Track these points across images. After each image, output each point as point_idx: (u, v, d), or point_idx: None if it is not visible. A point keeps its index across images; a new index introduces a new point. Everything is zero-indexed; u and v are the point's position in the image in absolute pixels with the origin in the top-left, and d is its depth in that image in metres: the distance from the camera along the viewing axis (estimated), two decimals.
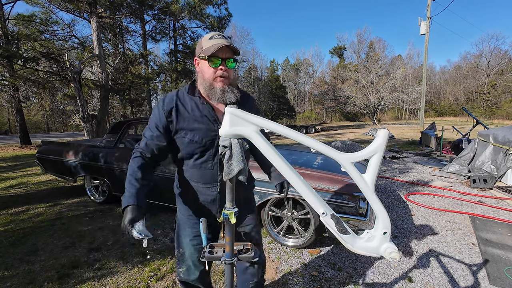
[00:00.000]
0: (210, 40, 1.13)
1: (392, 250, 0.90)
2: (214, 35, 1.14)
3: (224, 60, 1.13)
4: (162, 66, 16.28)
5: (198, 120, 1.19)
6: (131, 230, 0.99)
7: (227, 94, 1.15)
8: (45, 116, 30.64)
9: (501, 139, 4.97)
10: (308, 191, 0.95)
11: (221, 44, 1.09)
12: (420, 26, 17.35)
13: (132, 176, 1.14)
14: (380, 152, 0.89)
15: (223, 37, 1.14)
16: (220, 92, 1.15)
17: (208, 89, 1.16)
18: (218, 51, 1.09)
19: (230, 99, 1.16)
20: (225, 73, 1.14)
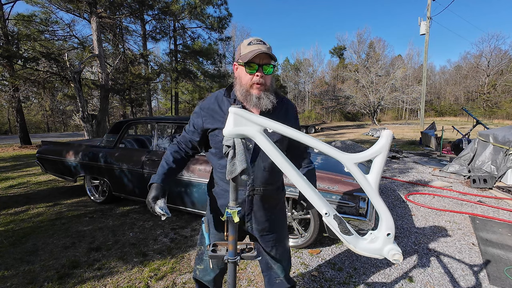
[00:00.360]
0: (248, 46, 1.13)
1: (395, 252, 0.90)
2: (253, 40, 1.14)
3: (261, 66, 1.12)
4: (162, 66, 16.26)
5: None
6: (154, 205, 1.15)
7: (262, 100, 1.15)
8: (45, 116, 30.61)
9: (501, 139, 4.97)
10: (311, 191, 0.95)
11: (259, 50, 1.09)
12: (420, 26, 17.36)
13: (164, 160, 1.31)
14: (384, 153, 0.89)
15: (261, 43, 1.13)
16: (255, 99, 1.15)
17: (245, 95, 1.17)
18: (255, 57, 1.10)
19: (266, 106, 1.16)
20: (262, 79, 1.14)
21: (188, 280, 2.22)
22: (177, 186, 3.15)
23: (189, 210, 3.19)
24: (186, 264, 2.44)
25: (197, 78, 16.99)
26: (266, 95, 1.16)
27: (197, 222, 3.33)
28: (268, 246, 1.36)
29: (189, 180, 3.06)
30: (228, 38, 18.51)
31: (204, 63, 17.69)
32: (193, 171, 3.04)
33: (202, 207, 3.10)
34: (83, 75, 11.85)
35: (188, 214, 3.56)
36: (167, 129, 5.21)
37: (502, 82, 38.60)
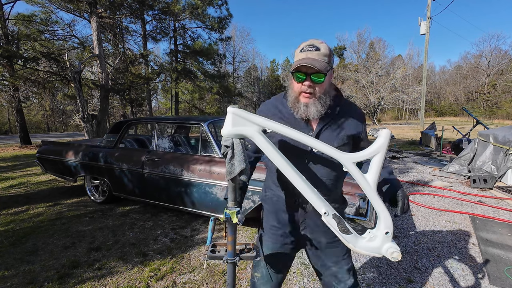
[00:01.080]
0: (299, 53, 1.08)
1: (394, 250, 0.90)
2: (305, 46, 1.07)
3: (309, 75, 1.05)
4: (162, 66, 16.26)
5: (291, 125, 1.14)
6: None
7: (309, 109, 1.09)
8: (45, 116, 30.62)
9: (501, 139, 4.97)
10: (310, 191, 0.95)
11: (305, 60, 1.03)
12: (420, 26, 17.36)
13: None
14: (382, 152, 0.89)
15: (312, 49, 1.05)
16: (303, 107, 1.10)
17: (293, 102, 1.13)
18: (301, 67, 1.03)
19: (313, 115, 1.09)
20: (310, 89, 1.07)
21: (188, 280, 2.22)
22: (177, 186, 3.16)
23: (189, 210, 3.20)
24: (186, 264, 2.44)
25: (197, 78, 16.99)
26: (315, 103, 1.08)
27: (197, 222, 3.34)
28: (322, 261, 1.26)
29: (189, 180, 3.06)
30: (228, 38, 18.51)
31: (204, 63, 17.69)
32: (193, 171, 3.04)
33: (202, 207, 3.10)
34: (83, 75, 11.85)
35: (188, 214, 3.56)
36: (167, 129, 5.21)
37: (502, 82, 38.58)
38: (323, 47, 1.05)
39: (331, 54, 1.07)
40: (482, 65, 40.87)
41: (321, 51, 1.04)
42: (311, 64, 1.00)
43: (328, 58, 1.05)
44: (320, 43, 1.06)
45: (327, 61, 1.05)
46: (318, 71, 1.01)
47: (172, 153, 3.38)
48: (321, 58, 1.04)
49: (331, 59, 1.08)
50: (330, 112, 1.13)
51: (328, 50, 1.06)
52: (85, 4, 10.02)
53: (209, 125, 3.34)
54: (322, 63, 1.03)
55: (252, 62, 38.92)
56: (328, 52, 1.05)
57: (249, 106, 34.63)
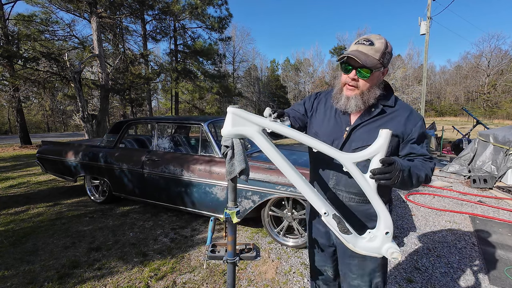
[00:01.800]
0: (353, 44, 1.06)
1: (394, 250, 0.90)
2: (360, 39, 1.05)
3: (355, 68, 1.03)
4: (162, 66, 16.26)
5: (328, 117, 1.19)
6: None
7: (350, 102, 1.08)
8: (45, 116, 30.61)
9: (501, 139, 4.97)
10: (309, 191, 0.95)
11: (352, 53, 1.00)
12: (420, 26, 17.34)
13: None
14: (382, 152, 0.89)
15: (366, 43, 1.02)
16: (344, 99, 1.09)
17: (337, 92, 1.13)
18: (349, 58, 1.01)
19: (352, 109, 1.08)
20: (353, 81, 1.05)
21: (188, 280, 2.22)
22: (177, 186, 3.16)
23: (189, 210, 3.20)
24: (186, 264, 2.44)
25: (197, 78, 16.98)
26: (356, 98, 1.06)
27: (197, 222, 3.34)
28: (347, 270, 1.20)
29: (189, 180, 3.06)
30: (228, 38, 18.50)
31: (204, 63, 17.69)
32: (193, 171, 3.04)
33: (202, 207, 3.10)
34: (83, 75, 11.85)
35: (188, 214, 3.56)
36: (167, 129, 5.21)
37: (502, 82, 38.57)
38: (379, 43, 1.01)
39: (386, 52, 1.02)
40: (482, 65, 40.86)
41: (375, 46, 1.01)
42: (356, 56, 0.98)
43: (381, 55, 1.01)
44: (377, 39, 1.02)
45: (378, 57, 1.00)
46: (363, 65, 0.98)
47: (172, 153, 3.38)
48: (372, 53, 1.00)
49: (386, 57, 1.03)
50: (373, 110, 1.10)
51: (383, 47, 1.01)
52: (85, 4, 10.01)
53: (209, 125, 3.34)
54: (371, 59, 0.99)
55: (252, 62, 38.93)
56: (382, 49, 1.01)
57: (249, 106, 34.62)
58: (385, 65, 1.03)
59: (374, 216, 1.08)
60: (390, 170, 0.90)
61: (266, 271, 2.35)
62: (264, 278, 2.26)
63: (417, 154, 1.10)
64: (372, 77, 1.03)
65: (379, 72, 1.04)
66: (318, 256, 1.30)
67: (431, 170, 1.08)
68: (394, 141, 1.10)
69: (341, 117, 1.15)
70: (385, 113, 1.11)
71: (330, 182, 1.16)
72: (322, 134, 1.17)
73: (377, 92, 1.07)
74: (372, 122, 1.10)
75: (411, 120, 1.10)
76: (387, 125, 1.08)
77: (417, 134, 1.10)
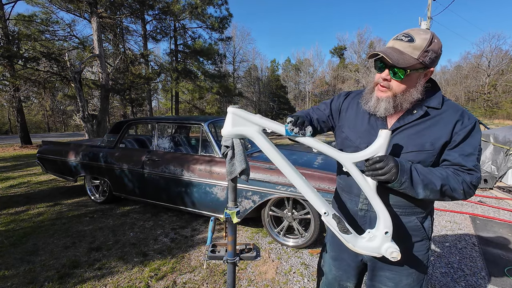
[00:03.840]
0: (392, 40, 0.93)
1: (393, 250, 0.90)
2: (400, 34, 0.92)
3: (388, 67, 0.91)
4: (163, 66, 16.27)
5: (361, 120, 1.06)
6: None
7: (380, 105, 0.96)
8: (46, 116, 30.63)
9: (501, 139, 4.97)
10: (310, 191, 0.95)
11: (385, 48, 0.90)
12: (420, 26, 17.34)
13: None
14: (381, 153, 0.89)
15: (405, 39, 0.89)
16: (374, 100, 0.98)
17: (368, 92, 1.03)
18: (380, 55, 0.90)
19: (380, 112, 0.97)
20: (385, 82, 0.93)
21: (188, 280, 2.22)
22: (177, 186, 3.16)
23: (190, 210, 3.20)
24: (186, 264, 2.45)
25: (197, 78, 16.99)
26: (388, 101, 0.94)
27: (198, 222, 3.34)
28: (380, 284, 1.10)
29: (189, 180, 3.06)
30: (228, 38, 18.50)
31: (204, 63, 17.70)
32: (194, 171, 3.04)
33: (202, 207, 3.10)
34: (84, 75, 11.85)
35: (188, 214, 3.57)
36: (167, 129, 5.21)
37: (503, 82, 38.53)
38: (420, 39, 0.87)
39: (429, 50, 0.87)
40: (483, 65, 40.81)
41: (415, 43, 0.87)
42: (386, 54, 0.87)
43: (421, 53, 0.87)
44: (420, 34, 0.88)
45: (416, 56, 0.87)
46: (393, 65, 0.87)
47: (172, 153, 3.38)
48: (409, 51, 0.87)
49: (429, 55, 0.87)
50: (415, 113, 0.97)
51: (425, 44, 0.86)
52: (86, 4, 10.02)
53: (209, 125, 3.34)
54: (406, 57, 0.87)
55: (252, 62, 38.94)
56: (423, 46, 0.86)
57: (250, 106, 34.63)
58: (427, 65, 0.89)
59: (414, 231, 1.01)
60: (382, 166, 0.85)
61: (266, 271, 2.35)
62: (264, 278, 2.26)
63: (452, 163, 0.94)
64: (408, 79, 0.91)
65: (419, 73, 0.91)
66: (340, 271, 1.19)
67: (462, 183, 0.90)
68: (439, 150, 0.95)
69: (376, 120, 1.02)
70: (428, 115, 0.96)
71: (362, 192, 1.04)
72: (354, 139, 1.05)
73: (415, 95, 0.93)
74: (413, 126, 0.97)
75: (459, 124, 0.94)
76: (431, 130, 0.95)
77: (460, 139, 0.93)
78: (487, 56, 40.40)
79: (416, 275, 1.05)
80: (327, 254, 1.25)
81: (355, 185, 1.03)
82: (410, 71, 0.88)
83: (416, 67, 0.88)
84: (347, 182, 1.10)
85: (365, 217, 1.05)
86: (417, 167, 0.91)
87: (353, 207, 1.08)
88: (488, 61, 40.25)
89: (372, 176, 0.88)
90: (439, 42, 0.89)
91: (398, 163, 0.87)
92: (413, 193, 0.90)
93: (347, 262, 1.16)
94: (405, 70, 0.88)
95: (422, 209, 1.01)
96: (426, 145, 0.94)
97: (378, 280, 1.09)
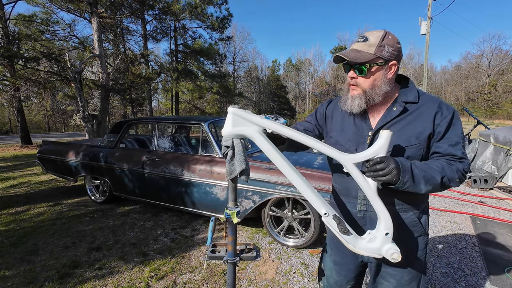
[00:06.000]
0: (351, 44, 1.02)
1: (394, 251, 0.90)
2: (358, 38, 1.00)
3: (352, 67, 0.99)
4: (163, 66, 16.27)
5: (347, 123, 1.11)
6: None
7: (353, 103, 1.03)
8: (46, 116, 30.64)
9: (502, 139, 4.96)
10: (310, 191, 0.95)
11: (343, 51, 0.97)
12: (420, 26, 17.32)
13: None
14: (382, 153, 0.89)
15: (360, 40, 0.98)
16: (350, 100, 1.04)
17: (345, 94, 1.08)
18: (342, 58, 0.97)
19: (355, 109, 1.03)
20: (352, 80, 1.01)
21: (188, 280, 2.22)
22: (177, 186, 3.16)
23: (190, 210, 3.20)
24: (186, 264, 2.45)
25: (197, 78, 16.99)
26: (360, 97, 1.01)
27: (198, 222, 3.34)
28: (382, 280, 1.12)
29: (189, 180, 3.06)
30: (228, 38, 18.49)
31: (204, 63, 17.70)
32: (194, 171, 3.04)
33: (202, 207, 3.10)
34: (84, 75, 11.85)
35: (188, 214, 3.57)
36: (167, 129, 5.21)
37: (503, 82, 38.51)
38: (374, 37, 0.96)
39: (384, 45, 0.95)
40: (483, 65, 40.79)
41: (369, 41, 0.96)
42: (344, 54, 0.96)
43: (376, 48, 0.94)
44: (373, 34, 0.97)
45: (372, 51, 0.94)
46: (348, 62, 0.96)
47: (172, 153, 3.38)
48: (365, 49, 0.96)
49: (385, 50, 0.95)
50: (394, 110, 1.02)
51: (378, 40, 0.95)
52: (86, 4, 10.02)
53: (210, 125, 3.34)
54: (363, 54, 0.95)
55: (253, 62, 38.94)
56: (377, 42, 0.94)
57: (250, 106, 34.62)
58: (385, 59, 0.95)
59: (413, 226, 1.05)
60: (383, 167, 0.86)
61: (266, 271, 2.35)
62: (264, 278, 2.26)
63: (443, 154, 0.99)
64: (372, 73, 0.98)
65: (380, 67, 0.97)
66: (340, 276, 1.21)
67: (457, 171, 0.95)
68: (425, 142, 0.99)
69: (361, 121, 1.07)
70: (407, 111, 1.01)
71: (359, 193, 1.07)
72: (344, 142, 1.09)
73: (384, 88, 0.99)
74: (396, 123, 1.01)
75: (439, 115, 0.99)
76: (414, 124, 0.99)
77: (444, 130, 0.98)
78: (487, 56, 40.38)
79: (416, 270, 1.09)
80: (328, 257, 1.26)
81: (352, 188, 1.07)
82: (370, 65, 0.96)
83: (376, 61, 0.96)
84: (344, 185, 1.12)
85: (364, 218, 1.08)
86: (416, 163, 0.94)
87: (351, 209, 1.11)
88: (488, 61, 40.23)
89: (372, 177, 0.89)
90: (394, 37, 0.98)
91: (399, 164, 0.89)
92: (415, 190, 0.92)
93: (348, 266, 1.19)
94: (365, 65, 0.96)
95: (418, 204, 1.06)
96: (412, 140, 0.98)
97: (381, 275, 1.12)
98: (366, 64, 0.96)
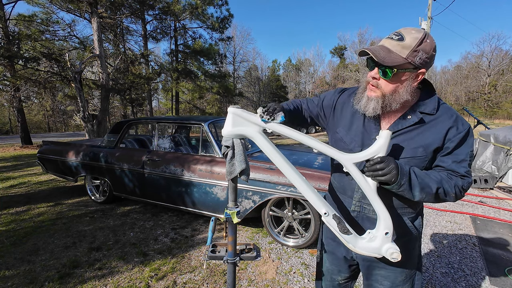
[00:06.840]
0: (384, 39, 0.91)
1: (393, 251, 0.90)
2: (392, 33, 0.89)
3: (378, 66, 0.89)
4: (163, 66, 16.28)
5: (357, 122, 1.05)
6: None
7: (369, 104, 0.95)
8: (46, 116, 30.65)
9: (502, 139, 4.96)
10: (310, 191, 0.95)
11: (373, 47, 0.88)
12: (420, 26, 17.33)
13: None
14: (382, 153, 0.89)
15: (394, 37, 0.86)
16: (365, 99, 0.96)
17: (360, 91, 1.00)
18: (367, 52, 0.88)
19: (369, 112, 0.95)
20: (374, 80, 0.92)
21: (188, 280, 2.22)
22: (178, 186, 3.16)
23: (190, 210, 3.20)
24: (186, 264, 2.45)
25: (197, 78, 17.00)
26: (377, 100, 0.93)
27: (198, 222, 3.34)
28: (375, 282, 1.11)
29: (189, 180, 3.07)
30: (229, 38, 18.50)
31: (204, 63, 17.70)
32: (194, 171, 3.04)
33: (202, 207, 3.10)
34: (84, 75, 11.86)
35: (188, 214, 3.57)
36: (167, 129, 5.21)
37: (503, 82, 38.50)
38: (410, 38, 0.84)
39: (419, 50, 0.84)
40: (483, 65, 40.77)
41: (404, 42, 0.84)
42: (373, 52, 0.85)
43: (410, 52, 0.84)
44: (411, 33, 0.85)
45: (405, 55, 0.84)
46: (377, 62, 0.86)
47: (172, 153, 3.39)
48: (397, 50, 0.85)
49: (418, 55, 0.84)
50: (409, 118, 0.95)
51: (415, 43, 0.83)
52: (86, 4, 10.02)
53: (210, 125, 3.34)
54: (394, 56, 0.84)
55: (253, 62, 38.93)
56: (413, 46, 0.83)
57: (250, 106, 34.62)
58: (417, 66, 0.85)
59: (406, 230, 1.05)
60: (383, 167, 0.85)
61: (266, 271, 2.35)
62: (264, 278, 2.26)
63: (446, 169, 0.95)
64: (397, 79, 0.88)
65: (408, 73, 0.87)
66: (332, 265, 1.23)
67: (455, 187, 0.92)
68: (431, 155, 0.95)
69: (370, 124, 1.01)
70: (423, 122, 0.95)
71: (355, 195, 1.06)
72: (349, 142, 1.05)
73: (404, 96, 0.90)
74: (407, 132, 0.96)
75: (453, 130, 0.93)
76: (424, 135, 0.94)
77: (454, 145, 0.93)
78: (488, 56, 40.36)
79: (409, 271, 1.09)
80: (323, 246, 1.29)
81: (349, 187, 1.07)
82: (397, 70, 0.86)
83: (405, 66, 0.86)
84: (342, 183, 1.12)
85: (357, 218, 1.08)
86: (415, 170, 0.92)
87: (345, 208, 1.11)
88: (488, 61, 40.21)
89: (372, 176, 0.89)
90: (432, 42, 0.86)
91: (398, 165, 0.88)
92: (410, 195, 0.91)
93: (338, 257, 1.19)
94: (392, 69, 0.86)
95: (413, 209, 1.05)
96: (419, 151, 0.94)
97: (375, 279, 1.11)
98: (394, 68, 0.86)
